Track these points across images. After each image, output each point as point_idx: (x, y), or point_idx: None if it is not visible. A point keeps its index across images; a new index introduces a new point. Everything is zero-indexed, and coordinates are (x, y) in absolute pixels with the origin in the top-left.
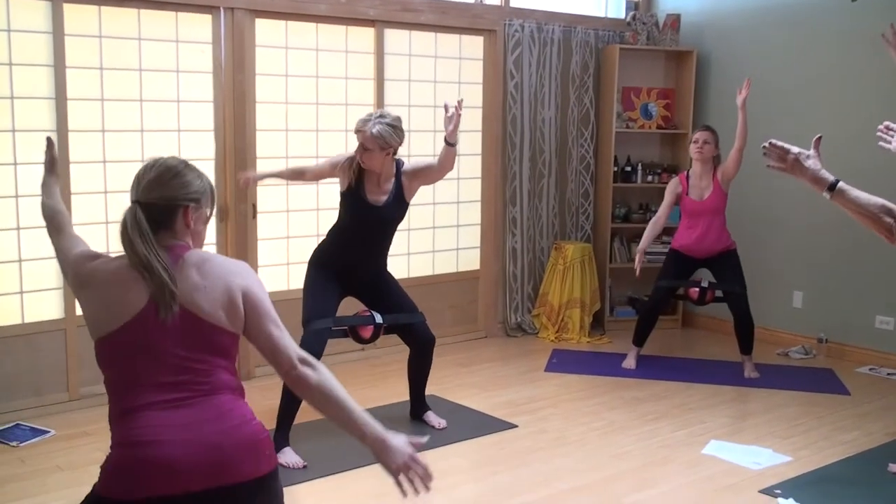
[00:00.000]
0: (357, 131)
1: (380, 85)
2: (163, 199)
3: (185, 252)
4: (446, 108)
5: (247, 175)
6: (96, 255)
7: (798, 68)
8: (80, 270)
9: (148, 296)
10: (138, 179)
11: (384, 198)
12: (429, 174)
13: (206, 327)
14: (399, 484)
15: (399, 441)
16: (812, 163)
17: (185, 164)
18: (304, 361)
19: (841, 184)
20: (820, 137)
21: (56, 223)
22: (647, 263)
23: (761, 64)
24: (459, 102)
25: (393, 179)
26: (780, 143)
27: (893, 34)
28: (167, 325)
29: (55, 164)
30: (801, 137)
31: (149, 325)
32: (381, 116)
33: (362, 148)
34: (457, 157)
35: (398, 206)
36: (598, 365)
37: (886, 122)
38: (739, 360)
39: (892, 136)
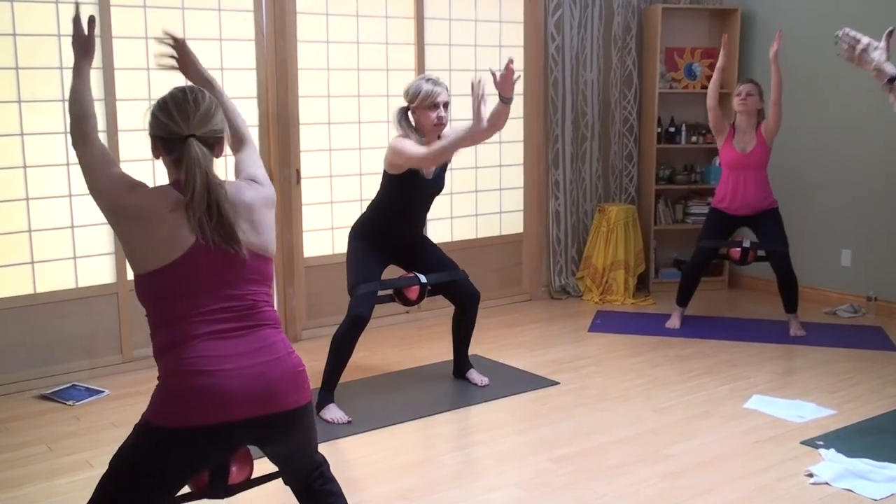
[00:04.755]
0: (428, 96)
1: (420, 49)
2: (213, 133)
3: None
4: (494, 75)
5: None
6: (133, 186)
7: (846, 25)
8: (118, 202)
9: (195, 232)
10: (184, 113)
11: (433, 169)
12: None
13: (254, 259)
14: None
15: None
16: (878, 54)
17: (210, 95)
18: None
19: None
20: (892, 30)
21: (84, 124)
22: (688, 224)
23: (807, 21)
24: (511, 61)
25: None
26: (852, 33)
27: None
28: (216, 260)
29: (91, 48)
30: (850, 97)
31: (199, 261)
32: (432, 79)
33: (440, 107)
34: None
35: (443, 173)
36: (643, 325)
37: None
38: (785, 320)
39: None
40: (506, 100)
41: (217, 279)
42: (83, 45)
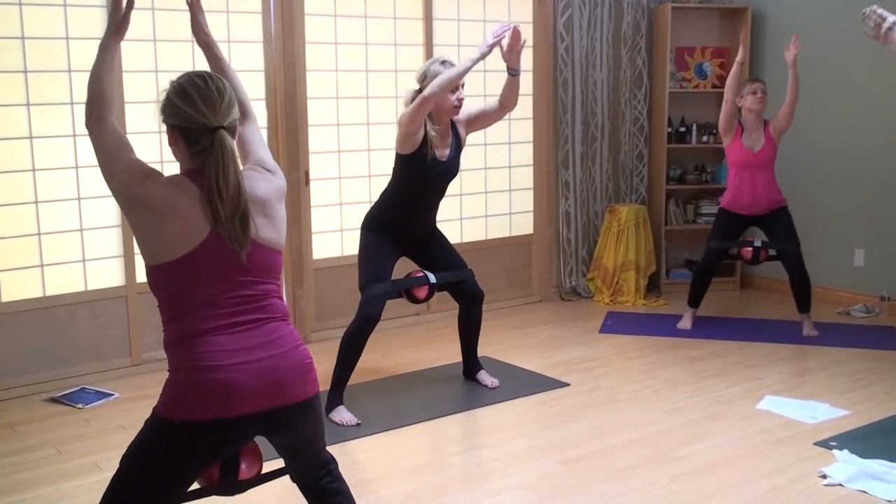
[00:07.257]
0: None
1: (429, 51)
2: (234, 123)
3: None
4: (501, 46)
5: None
6: (147, 175)
7: (857, 25)
8: (131, 192)
9: (210, 225)
10: (210, 103)
11: (447, 151)
12: (487, 118)
13: (268, 253)
14: None
15: None
16: None
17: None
18: None
19: None
20: None
21: (99, 105)
22: (699, 224)
23: (818, 20)
24: (516, 26)
25: (450, 131)
26: (879, 10)
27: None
28: (228, 254)
29: (124, 27)
30: (860, 99)
31: (212, 254)
32: (448, 61)
33: (459, 88)
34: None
35: (458, 156)
36: (654, 326)
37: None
38: (798, 320)
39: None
40: (513, 72)
41: (228, 273)
42: (117, 22)
